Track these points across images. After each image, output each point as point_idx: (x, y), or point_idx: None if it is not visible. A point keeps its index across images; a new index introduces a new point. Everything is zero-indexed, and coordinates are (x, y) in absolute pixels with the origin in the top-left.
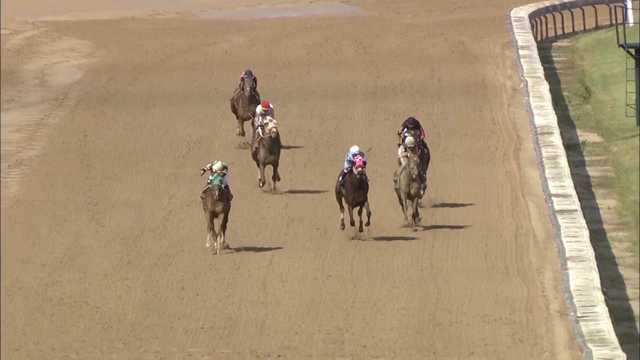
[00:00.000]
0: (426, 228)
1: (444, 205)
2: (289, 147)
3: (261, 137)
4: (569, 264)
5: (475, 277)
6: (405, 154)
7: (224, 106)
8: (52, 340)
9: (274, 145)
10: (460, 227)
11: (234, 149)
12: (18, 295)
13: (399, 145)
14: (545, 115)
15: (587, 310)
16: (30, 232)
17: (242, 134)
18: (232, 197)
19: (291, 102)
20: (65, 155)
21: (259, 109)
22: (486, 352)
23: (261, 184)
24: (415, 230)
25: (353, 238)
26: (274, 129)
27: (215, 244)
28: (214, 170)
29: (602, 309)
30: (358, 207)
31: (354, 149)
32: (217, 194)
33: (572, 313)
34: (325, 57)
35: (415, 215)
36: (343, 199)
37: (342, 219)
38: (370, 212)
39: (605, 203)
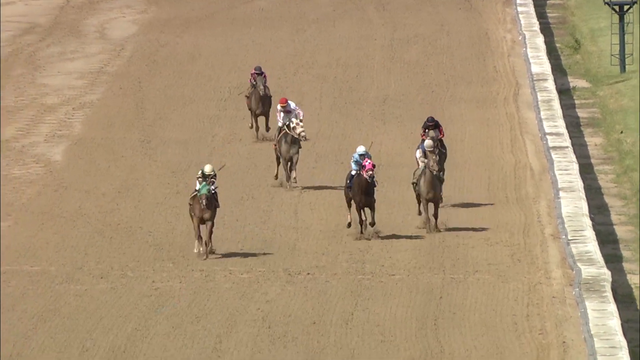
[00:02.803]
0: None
1: (452, 143)
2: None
3: (285, 132)
4: (561, 193)
5: (479, 205)
6: (424, 156)
7: (260, 57)
8: (111, 260)
9: (296, 142)
10: (466, 162)
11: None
12: (81, 220)
13: (418, 147)
14: (540, 64)
15: (576, 234)
16: (91, 166)
17: (256, 128)
18: (219, 205)
19: (319, 53)
20: (122, 99)
21: (279, 106)
22: (489, 270)
23: (276, 178)
24: (427, 231)
25: (359, 238)
26: (303, 133)
27: (202, 250)
28: (205, 173)
29: (589, 233)
30: (365, 208)
31: (360, 149)
32: (204, 203)
33: (564, 236)
34: (349, 13)
35: (435, 216)
36: (352, 200)
37: (350, 219)
38: (374, 222)
39: (593, 140)
